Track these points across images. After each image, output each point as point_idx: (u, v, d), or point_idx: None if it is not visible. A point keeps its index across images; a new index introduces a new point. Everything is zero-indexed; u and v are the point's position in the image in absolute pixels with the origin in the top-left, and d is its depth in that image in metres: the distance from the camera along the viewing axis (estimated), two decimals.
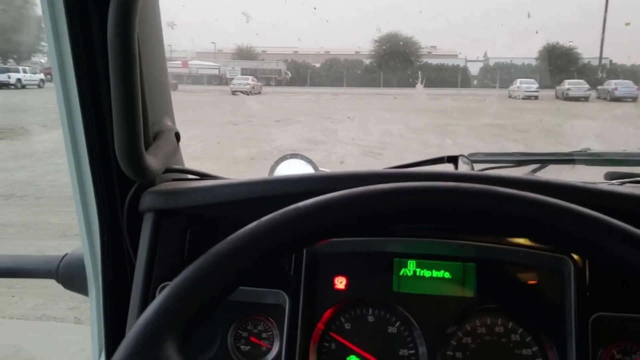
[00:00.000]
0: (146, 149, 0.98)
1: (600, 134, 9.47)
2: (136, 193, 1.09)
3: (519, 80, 17.23)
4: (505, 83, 18.46)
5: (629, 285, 0.92)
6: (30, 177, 8.08)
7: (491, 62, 21.78)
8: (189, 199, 1.06)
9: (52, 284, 1.22)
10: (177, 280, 0.60)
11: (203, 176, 1.19)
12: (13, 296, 4.33)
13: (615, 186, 1.07)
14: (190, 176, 1.21)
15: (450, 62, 22.19)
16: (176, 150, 1.18)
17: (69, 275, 1.20)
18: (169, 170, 1.14)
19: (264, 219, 0.64)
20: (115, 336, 1.13)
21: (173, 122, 1.19)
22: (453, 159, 1.21)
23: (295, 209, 0.64)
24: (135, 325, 0.57)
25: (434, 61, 21.66)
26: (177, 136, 1.17)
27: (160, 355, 0.54)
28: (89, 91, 1.02)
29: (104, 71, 0.97)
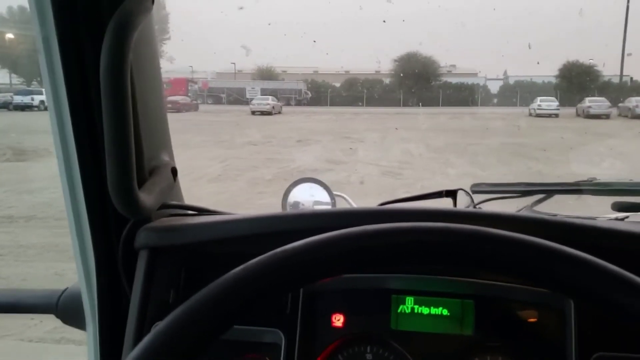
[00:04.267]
0: (141, 185, 0.97)
1: (622, 152, 9.35)
2: (131, 230, 1.07)
3: (539, 98, 17.16)
4: (526, 101, 18.38)
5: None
6: (51, 199, 8.17)
7: (511, 81, 21.72)
8: (184, 236, 1.05)
9: None
10: (169, 319, 0.60)
11: (200, 211, 1.17)
12: (32, 319, 4.36)
13: (616, 222, 1.05)
14: (187, 212, 1.19)
15: (469, 80, 22.16)
16: (172, 186, 1.16)
17: (68, 310, 1.19)
18: (164, 206, 1.12)
19: (251, 262, 0.63)
20: None
21: (171, 156, 1.18)
22: (452, 193, 1.19)
23: (283, 251, 0.63)
24: None
25: (453, 80, 21.64)
26: (174, 171, 1.15)
27: None
28: (85, 129, 1.01)
29: (99, 109, 0.96)
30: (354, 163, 9.99)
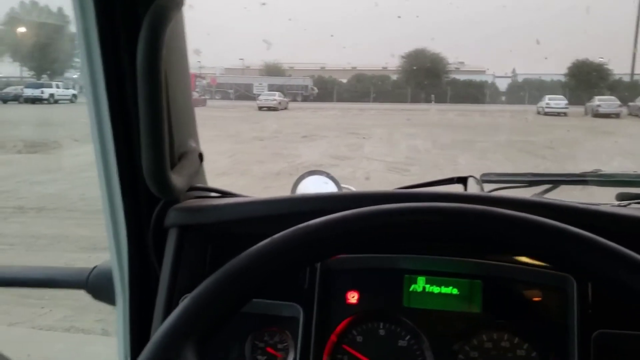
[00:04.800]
0: (171, 168, 1.03)
1: (632, 151, 9.31)
2: (162, 210, 1.14)
3: (547, 96, 17.04)
4: (534, 99, 18.25)
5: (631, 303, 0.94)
6: (61, 190, 8.24)
7: (519, 79, 21.57)
8: (210, 216, 1.12)
9: (80, 296, 1.27)
10: (196, 291, 0.66)
11: (225, 194, 1.24)
12: (43, 307, 4.41)
13: (618, 208, 1.09)
14: (212, 194, 1.26)
15: (478, 78, 22.05)
16: (199, 170, 1.23)
17: (97, 286, 1.26)
18: (192, 189, 1.20)
19: (276, 236, 0.69)
20: (139, 344, 1.18)
21: (197, 143, 1.25)
22: (463, 180, 1.23)
23: (306, 226, 0.69)
24: (158, 331, 0.63)
25: (461, 77, 21.54)
26: (201, 156, 1.23)
27: (180, 357, 0.60)
28: (120, 115, 1.08)
29: (133, 96, 1.02)
30: (360, 159, 9.99)
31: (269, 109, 17.73)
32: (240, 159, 9.86)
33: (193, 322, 0.64)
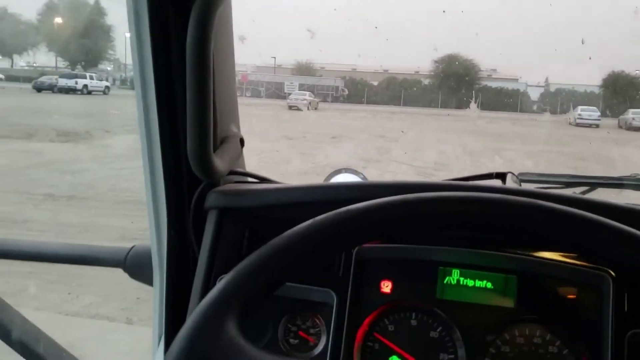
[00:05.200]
0: (214, 152, 1.06)
1: None
2: (203, 192, 1.17)
3: (580, 107, 16.79)
4: (566, 110, 18.01)
5: None
6: (91, 180, 8.37)
7: (552, 88, 21.30)
8: (249, 200, 1.15)
9: (107, 283, 1.30)
10: (237, 267, 0.68)
11: (263, 180, 1.28)
12: (69, 293, 4.48)
13: None
14: (251, 179, 1.29)
15: (510, 85, 21.82)
16: (239, 155, 1.26)
17: (135, 265, 1.31)
18: (232, 173, 1.23)
19: (318, 217, 0.71)
20: (175, 323, 1.21)
21: (238, 128, 1.28)
22: (501, 176, 1.23)
23: (347, 210, 0.70)
24: (200, 305, 0.65)
25: (493, 84, 21.35)
26: (242, 142, 1.26)
27: (221, 329, 0.62)
28: (166, 99, 1.10)
29: (181, 81, 1.04)
30: (388, 162, 9.95)
31: (299, 108, 17.78)
32: (268, 157, 9.89)
33: (235, 295, 0.65)
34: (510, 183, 1.23)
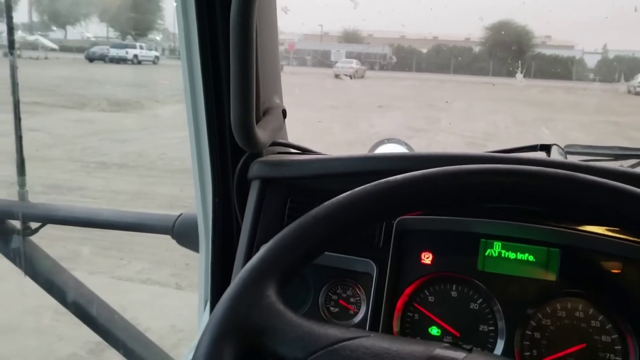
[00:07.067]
0: (257, 123, 1.07)
1: None
2: (246, 162, 1.20)
3: None
4: (626, 78, 17.34)
5: None
6: (142, 149, 8.56)
7: (610, 55, 20.49)
8: (291, 170, 1.17)
9: (157, 250, 1.34)
10: (278, 236, 0.70)
11: (305, 151, 1.29)
12: (122, 259, 4.63)
13: None
14: (292, 150, 1.32)
15: (565, 53, 21.11)
16: (282, 126, 1.28)
17: (182, 233, 1.36)
18: (275, 144, 1.25)
19: (358, 189, 0.71)
20: (220, 288, 1.26)
21: (281, 100, 1.30)
22: (546, 148, 1.21)
23: (387, 182, 0.71)
24: (242, 271, 0.68)
25: (547, 52, 20.68)
26: (284, 113, 1.27)
27: (262, 294, 0.65)
28: (211, 71, 1.11)
29: (225, 53, 1.05)
30: (437, 132, 9.83)
31: (345, 76, 17.63)
32: (313, 128, 9.91)
33: (275, 263, 0.67)
34: (555, 155, 1.21)
